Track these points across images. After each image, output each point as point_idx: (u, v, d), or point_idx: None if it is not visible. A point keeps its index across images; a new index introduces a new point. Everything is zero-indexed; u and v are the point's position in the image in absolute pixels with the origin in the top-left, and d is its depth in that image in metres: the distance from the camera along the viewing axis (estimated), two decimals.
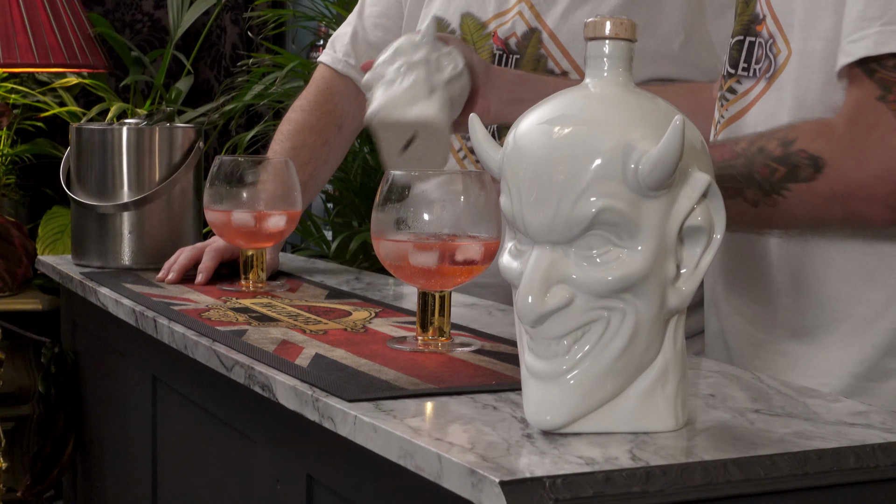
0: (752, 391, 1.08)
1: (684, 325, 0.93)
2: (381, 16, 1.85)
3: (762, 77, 1.29)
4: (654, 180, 0.85)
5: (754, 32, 1.31)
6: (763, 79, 1.29)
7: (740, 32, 1.32)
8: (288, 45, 3.86)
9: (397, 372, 1.11)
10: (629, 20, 0.92)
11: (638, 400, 0.90)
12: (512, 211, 0.90)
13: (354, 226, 3.14)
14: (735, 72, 1.33)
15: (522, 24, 1.61)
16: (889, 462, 0.89)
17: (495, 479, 0.78)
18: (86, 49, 3.19)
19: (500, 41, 1.62)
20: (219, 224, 1.64)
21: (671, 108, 0.91)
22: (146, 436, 1.65)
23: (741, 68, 1.33)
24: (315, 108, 1.84)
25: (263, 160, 1.66)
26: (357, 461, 1.04)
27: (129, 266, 1.89)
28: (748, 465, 0.85)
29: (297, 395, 1.06)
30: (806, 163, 1.15)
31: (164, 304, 1.52)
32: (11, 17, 3.10)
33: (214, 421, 1.41)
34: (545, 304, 0.87)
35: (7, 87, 3.32)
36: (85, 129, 1.93)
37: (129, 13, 3.81)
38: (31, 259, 2.84)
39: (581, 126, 0.87)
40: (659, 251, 0.87)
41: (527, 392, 0.91)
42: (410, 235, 1.22)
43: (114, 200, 1.89)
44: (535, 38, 1.59)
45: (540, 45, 1.59)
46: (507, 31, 1.62)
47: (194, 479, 1.51)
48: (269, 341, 1.26)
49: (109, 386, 1.85)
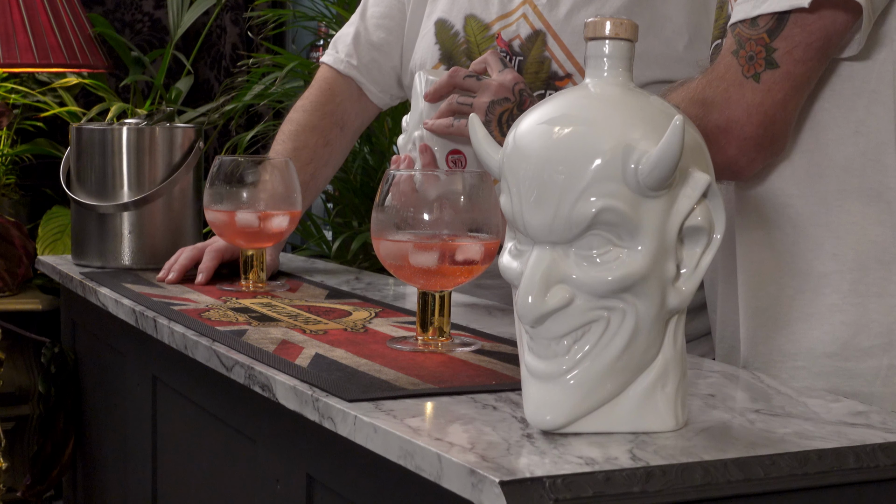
0: (752, 391, 1.08)
1: (684, 326, 0.93)
2: (384, 17, 1.85)
3: None
4: (654, 180, 0.85)
5: None
6: None
7: (718, 37, 1.34)
8: (288, 45, 3.87)
9: (397, 372, 1.11)
10: (629, 20, 0.92)
11: (638, 400, 0.90)
12: (512, 211, 0.90)
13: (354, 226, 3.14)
14: None
15: (527, 27, 1.61)
16: (889, 462, 0.89)
17: (495, 479, 0.78)
18: (86, 49, 3.19)
19: (504, 43, 1.62)
20: (219, 224, 1.64)
21: (671, 108, 0.91)
22: (146, 436, 1.65)
23: None
24: (317, 108, 1.84)
25: (264, 160, 1.66)
26: (357, 461, 1.04)
27: (129, 266, 1.89)
28: (748, 465, 0.85)
29: (297, 395, 1.06)
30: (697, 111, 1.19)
31: (164, 304, 1.52)
32: (11, 17, 3.10)
33: (214, 421, 1.41)
34: (545, 304, 0.87)
35: (7, 87, 3.32)
36: (85, 129, 1.93)
37: (129, 13, 3.81)
38: (31, 259, 2.84)
39: (581, 126, 0.87)
40: (659, 251, 0.87)
41: (527, 392, 0.91)
42: (410, 235, 1.22)
43: (114, 200, 1.89)
44: (539, 41, 1.59)
45: (544, 47, 1.59)
46: (512, 33, 1.62)
47: (194, 479, 1.51)
48: (269, 341, 1.26)
49: (109, 386, 1.85)
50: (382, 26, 1.85)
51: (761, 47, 1.17)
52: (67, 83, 3.38)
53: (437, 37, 1.72)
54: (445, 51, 1.71)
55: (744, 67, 1.18)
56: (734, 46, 1.19)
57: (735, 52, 1.18)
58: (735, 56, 1.18)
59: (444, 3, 1.75)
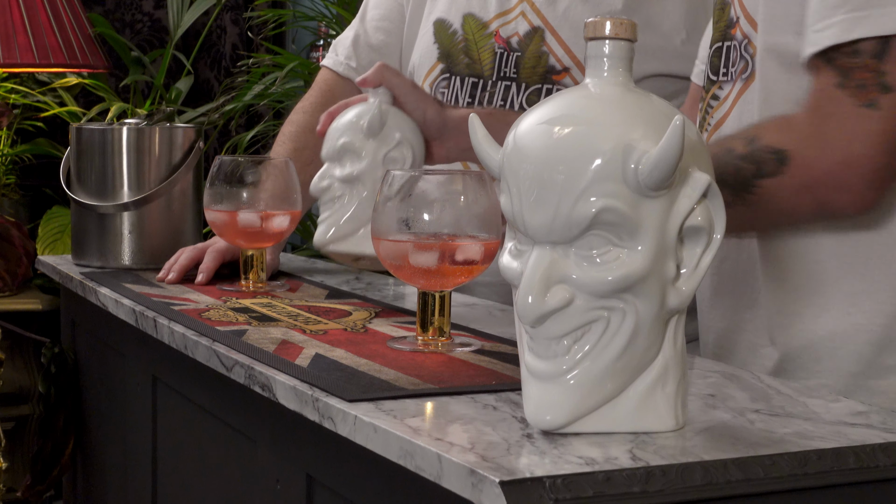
0: (752, 391, 1.08)
1: (684, 326, 0.93)
2: (383, 19, 1.86)
3: (738, 78, 1.29)
4: (654, 180, 0.85)
5: (730, 37, 1.31)
6: (739, 80, 1.29)
7: (718, 39, 1.33)
8: (288, 45, 3.87)
9: (397, 372, 1.11)
10: (629, 20, 0.92)
11: (638, 400, 0.90)
12: (512, 211, 0.90)
13: None
14: (717, 78, 1.34)
15: (525, 24, 1.62)
16: (889, 462, 0.89)
17: (495, 479, 0.78)
18: (86, 49, 3.19)
19: (503, 40, 1.63)
20: (219, 224, 1.64)
21: (671, 108, 0.91)
22: (146, 436, 1.65)
23: (721, 74, 1.33)
24: (317, 109, 1.84)
25: (264, 160, 1.66)
26: (357, 461, 1.04)
27: (129, 266, 1.89)
28: (748, 465, 0.85)
29: (297, 395, 1.06)
30: (771, 157, 1.16)
31: (164, 304, 1.52)
32: (11, 17, 3.10)
33: (214, 421, 1.41)
34: (545, 304, 0.87)
35: (7, 87, 3.32)
36: (85, 129, 1.93)
37: (129, 13, 3.81)
38: (31, 259, 2.84)
39: (581, 126, 0.87)
40: (659, 251, 0.87)
41: (527, 392, 0.91)
42: (410, 235, 1.22)
43: (114, 200, 1.89)
44: (537, 37, 1.60)
45: (542, 42, 1.60)
46: (510, 30, 1.63)
47: (194, 479, 1.51)
48: (269, 341, 1.26)
49: (109, 386, 1.85)
50: (381, 28, 1.86)
51: (870, 73, 1.13)
52: (67, 83, 3.39)
53: (436, 36, 1.73)
54: (444, 50, 1.71)
55: (857, 98, 1.13)
56: (837, 78, 1.14)
57: (841, 85, 1.14)
58: (841, 88, 1.13)
59: (442, 3, 1.75)
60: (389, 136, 1.42)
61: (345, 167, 1.42)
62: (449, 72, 1.67)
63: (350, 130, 1.42)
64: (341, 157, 1.42)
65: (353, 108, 1.45)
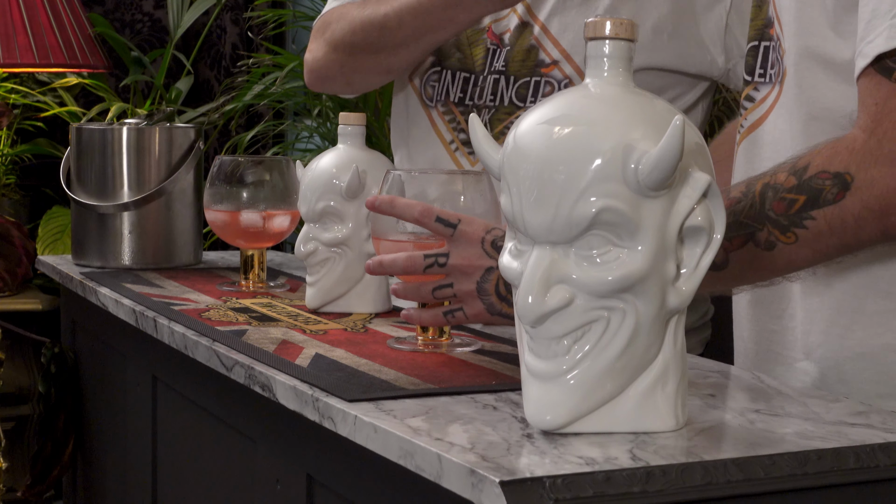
0: (752, 391, 1.08)
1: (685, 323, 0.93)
2: None
3: (777, 82, 1.25)
4: (654, 180, 0.85)
5: (768, 36, 1.27)
6: (777, 83, 1.24)
7: (754, 38, 1.28)
8: (288, 45, 3.86)
9: (397, 372, 1.11)
10: (629, 20, 0.92)
11: (638, 400, 0.90)
12: (512, 211, 0.90)
13: None
14: (752, 79, 1.30)
15: (515, 18, 1.64)
16: (889, 462, 0.89)
17: (495, 479, 0.78)
18: (86, 49, 3.19)
19: (496, 37, 1.64)
20: (219, 224, 1.64)
21: (671, 108, 0.91)
22: (146, 436, 1.65)
23: (757, 74, 1.29)
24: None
25: (264, 160, 1.66)
26: (357, 461, 1.04)
27: (129, 266, 1.89)
28: (748, 465, 0.85)
29: (297, 395, 1.06)
30: (830, 183, 1.07)
31: (164, 304, 1.52)
32: (11, 17, 3.10)
33: (214, 421, 1.41)
34: (545, 304, 0.87)
35: (7, 87, 3.32)
36: (85, 129, 1.93)
37: (129, 13, 3.81)
38: (31, 259, 2.84)
39: (581, 126, 0.87)
40: (659, 251, 0.87)
41: (527, 392, 0.91)
42: (410, 236, 1.22)
43: (114, 200, 1.89)
44: (527, 31, 1.61)
45: (531, 36, 1.61)
46: (503, 27, 1.65)
47: (194, 479, 1.51)
48: (269, 341, 1.26)
49: (109, 386, 1.85)
50: None
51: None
52: (67, 83, 3.38)
53: None
54: None
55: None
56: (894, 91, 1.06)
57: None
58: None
59: None
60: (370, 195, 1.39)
61: (329, 231, 1.41)
62: (440, 65, 1.68)
63: (329, 193, 1.40)
64: (322, 219, 1.41)
65: (326, 158, 1.42)
